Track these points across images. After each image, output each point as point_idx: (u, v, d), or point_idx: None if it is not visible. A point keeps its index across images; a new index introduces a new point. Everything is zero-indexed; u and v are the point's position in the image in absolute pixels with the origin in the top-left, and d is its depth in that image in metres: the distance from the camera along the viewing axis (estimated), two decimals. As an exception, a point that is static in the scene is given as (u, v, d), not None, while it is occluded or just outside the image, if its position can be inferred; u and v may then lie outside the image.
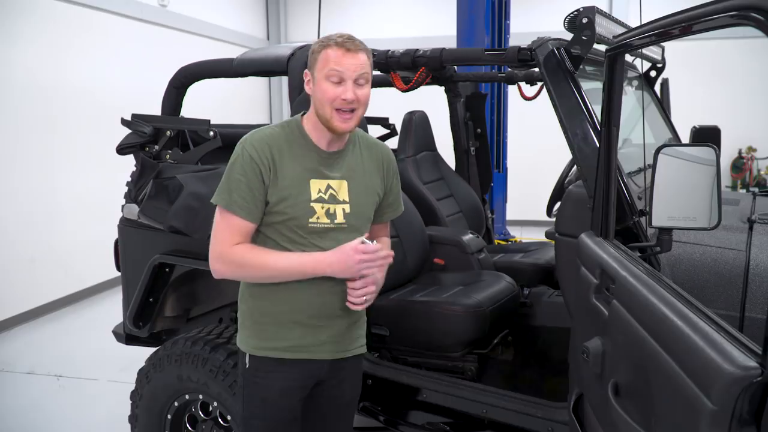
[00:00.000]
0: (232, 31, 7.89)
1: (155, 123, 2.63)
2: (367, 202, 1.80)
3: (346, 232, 1.73)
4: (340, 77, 1.62)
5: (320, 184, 1.71)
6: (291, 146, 1.70)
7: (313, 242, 1.71)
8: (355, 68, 1.62)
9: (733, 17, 1.02)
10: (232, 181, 1.67)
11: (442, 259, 3.07)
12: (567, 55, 2.03)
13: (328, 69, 1.62)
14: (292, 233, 1.70)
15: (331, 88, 1.63)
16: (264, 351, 1.77)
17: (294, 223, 1.69)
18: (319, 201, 1.70)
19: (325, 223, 1.70)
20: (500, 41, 6.14)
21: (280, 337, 1.76)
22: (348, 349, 1.85)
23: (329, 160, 1.73)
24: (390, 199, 1.90)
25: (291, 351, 1.76)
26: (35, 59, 5.05)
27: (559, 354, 2.49)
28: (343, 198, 1.73)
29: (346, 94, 1.62)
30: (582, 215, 1.88)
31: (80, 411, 3.54)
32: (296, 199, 1.67)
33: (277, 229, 1.71)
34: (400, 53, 2.36)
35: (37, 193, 5.12)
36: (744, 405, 0.95)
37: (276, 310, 1.75)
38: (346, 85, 1.62)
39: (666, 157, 1.46)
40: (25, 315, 5.00)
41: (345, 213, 1.73)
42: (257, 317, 1.78)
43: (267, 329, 1.77)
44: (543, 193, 3.34)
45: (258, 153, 1.66)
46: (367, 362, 2.44)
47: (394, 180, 1.90)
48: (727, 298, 1.76)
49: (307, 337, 1.76)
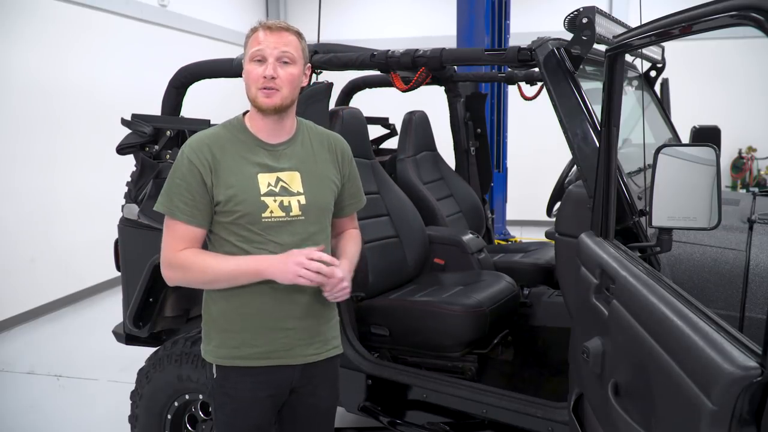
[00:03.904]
0: (232, 31, 7.89)
1: (155, 123, 2.63)
2: (324, 192, 1.75)
3: (304, 225, 1.69)
4: (262, 55, 1.61)
5: (269, 177, 1.66)
6: (234, 144, 1.68)
7: (270, 238, 1.66)
8: (276, 45, 1.61)
9: (733, 17, 1.02)
10: (173, 186, 1.65)
11: (442, 259, 3.07)
12: (567, 55, 2.03)
13: (251, 50, 1.62)
14: (247, 231, 1.65)
15: (254, 68, 1.62)
16: (231, 360, 1.71)
17: (247, 220, 1.64)
18: (270, 194, 1.66)
19: (279, 216, 1.66)
20: (500, 41, 6.14)
21: (248, 344, 1.69)
22: (320, 352, 1.77)
23: (276, 153, 1.70)
24: (351, 190, 1.87)
25: (259, 358, 1.70)
26: (35, 59, 5.04)
27: (559, 354, 2.49)
28: (297, 189, 1.69)
29: (267, 71, 1.60)
30: (582, 215, 1.88)
31: (80, 411, 3.53)
32: (245, 195, 1.63)
33: (232, 230, 1.66)
34: (400, 53, 2.36)
35: (37, 193, 5.12)
36: (744, 405, 0.95)
37: (241, 314, 1.69)
38: (267, 63, 1.61)
39: (666, 157, 1.46)
40: (25, 315, 5.00)
41: (300, 204, 1.68)
42: (222, 324, 1.72)
43: (233, 337, 1.70)
44: (543, 193, 3.34)
45: (196, 155, 1.64)
46: (367, 362, 2.44)
47: (351, 168, 1.86)
48: (727, 298, 1.76)
49: (275, 342, 1.70)
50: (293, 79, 1.65)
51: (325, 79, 2.49)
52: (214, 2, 7.90)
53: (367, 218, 2.79)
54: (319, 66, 2.45)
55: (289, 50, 1.62)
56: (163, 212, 1.66)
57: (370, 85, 3.88)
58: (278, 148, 1.71)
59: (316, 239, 1.72)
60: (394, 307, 2.62)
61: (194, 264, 1.64)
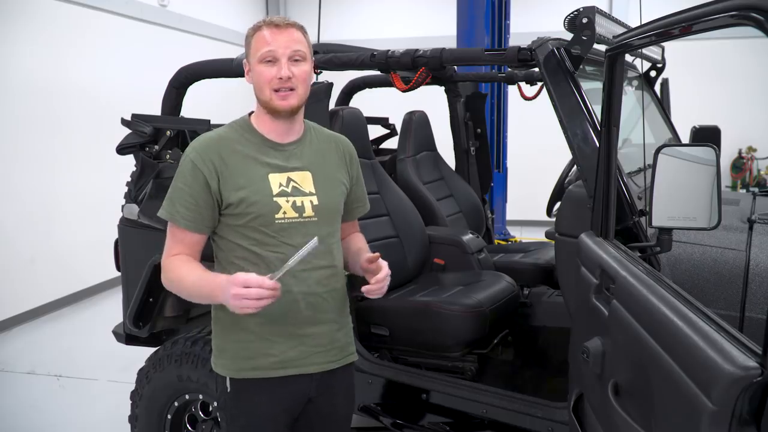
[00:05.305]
0: (232, 31, 7.88)
1: (155, 123, 2.63)
2: (335, 193, 1.70)
3: (317, 226, 1.63)
4: (273, 56, 1.56)
5: (280, 177, 1.62)
6: (241, 144, 1.63)
7: (283, 240, 1.60)
8: (287, 44, 1.56)
9: (733, 17, 1.02)
10: (176, 190, 1.61)
11: (442, 259, 3.07)
12: (567, 55, 2.03)
13: (261, 51, 1.56)
14: (260, 234, 1.60)
15: (267, 70, 1.57)
16: (246, 372, 1.64)
17: (260, 222, 1.59)
18: (282, 195, 1.61)
19: (292, 217, 1.61)
20: (500, 41, 6.14)
21: (262, 353, 1.63)
22: (337, 359, 1.72)
23: (286, 153, 1.65)
24: (358, 193, 1.83)
25: (275, 368, 1.64)
26: (35, 59, 5.04)
27: (559, 354, 2.49)
28: (309, 189, 1.64)
29: (281, 71, 1.55)
30: (582, 215, 1.88)
31: (80, 411, 3.53)
32: (257, 196, 1.59)
33: (244, 233, 1.61)
34: (400, 53, 2.36)
35: (37, 193, 5.12)
36: (744, 405, 0.95)
37: (254, 321, 1.61)
38: (280, 63, 1.56)
39: (666, 157, 1.46)
40: (25, 315, 5.00)
41: (313, 205, 1.63)
42: (235, 334, 1.65)
43: (248, 346, 1.64)
44: (543, 193, 3.34)
45: (201, 159, 1.59)
46: (367, 362, 2.44)
47: (358, 172, 1.82)
48: (727, 298, 1.76)
49: (292, 350, 1.64)
50: (307, 77, 1.62)
51: (325, 79, 2.49)
52: (214, 2, 7.90)
53: (367, 218, 2.77)
54: (319, 66, 2.45)
55: (300, 48, 1.59)
56: (165, 218, 1.63)
57: (370, 85, 3.88)
58: (288, 148, 1.66)
59: (328, 242, 1.67)
60: (394, 307, 2.62)
61: (175, 272, 1.60)
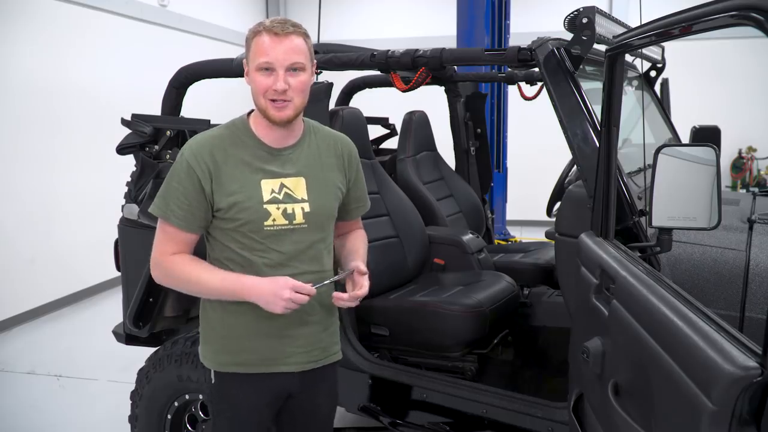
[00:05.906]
0: (232, 31, 7.88)
1: (155, 123, 2.63)
2: (329, 198, 1.69)
3: (307, 233, 1.64)
4: (270, 67, 1.53)
5: (272, 183, 1.60)
6: (237, 147, 1.61)
7: (272, 247, 1.61)
8: (286, 55, 1.52)
9: (733, 17, 1.02)
10: (170, 189, 1.60)
11: (442, 259, 3.07)
12: (567, 55, 2.03)
13: (259, 61, 1.53)
14: (248, 239, 1.60)
15: (263, 79, 1.54)
16: (229, 366, 1.69)
17: (249, 228, 1.59)
18: (273, 202, 1.60)
19: (282, 224, 1.60)
20: (500, 41, 6.14)
21: (247, 350, 1.67)
22: (319, 359, 1.74)
23: (282, 158, 1.63)
24: (356, 194, 1.81)
25: (258, 365, 1.67)
26: (35, 59, 5.04)
27: (559, 354, 2.49)
28: (302, 196, 1.63)
29: (277, 84, 1.52)
30: (582, 215, 1.88)
31: (80, 411, 3.53)
32: (247, 202, 1.58)
33: (233, 237, 1.62)
34: (400, 53, 2.36)
35: (37, 193, 5.12)
36: (744, 405, 0.95)
37: (240, 321, 1.65)
38: (277, 74, 1.53)
39: (666, 157, 1.46)
40: (25, 315, 4.99)
41: (304, 212, 1.62)
42: (221, 330, 1.69)
43: (232, 342, 1.68)
44: (543, 193, 3.34)
45: (196, 159, 1.58)
46: (367, 362, 2.44)
47: (357, 173, 1.80)
48: (727, 298, 1.76)
49: (275, 349, 1.67)
50: (305, 87, 1.58)
51: (325, 79, 2.49)
52: (214, 2, 7.89)
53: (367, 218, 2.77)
54: (319, 66, 2.45)
55: (298, 59, 1.54)
56: (157, 215, 1.62)
57: (370, 85, 3.88)
58: (284, 153, 1.65)
59: (318, 248, 1.68)
60: (394, 307, 2.62)
61: (187, 273, 1.61)
